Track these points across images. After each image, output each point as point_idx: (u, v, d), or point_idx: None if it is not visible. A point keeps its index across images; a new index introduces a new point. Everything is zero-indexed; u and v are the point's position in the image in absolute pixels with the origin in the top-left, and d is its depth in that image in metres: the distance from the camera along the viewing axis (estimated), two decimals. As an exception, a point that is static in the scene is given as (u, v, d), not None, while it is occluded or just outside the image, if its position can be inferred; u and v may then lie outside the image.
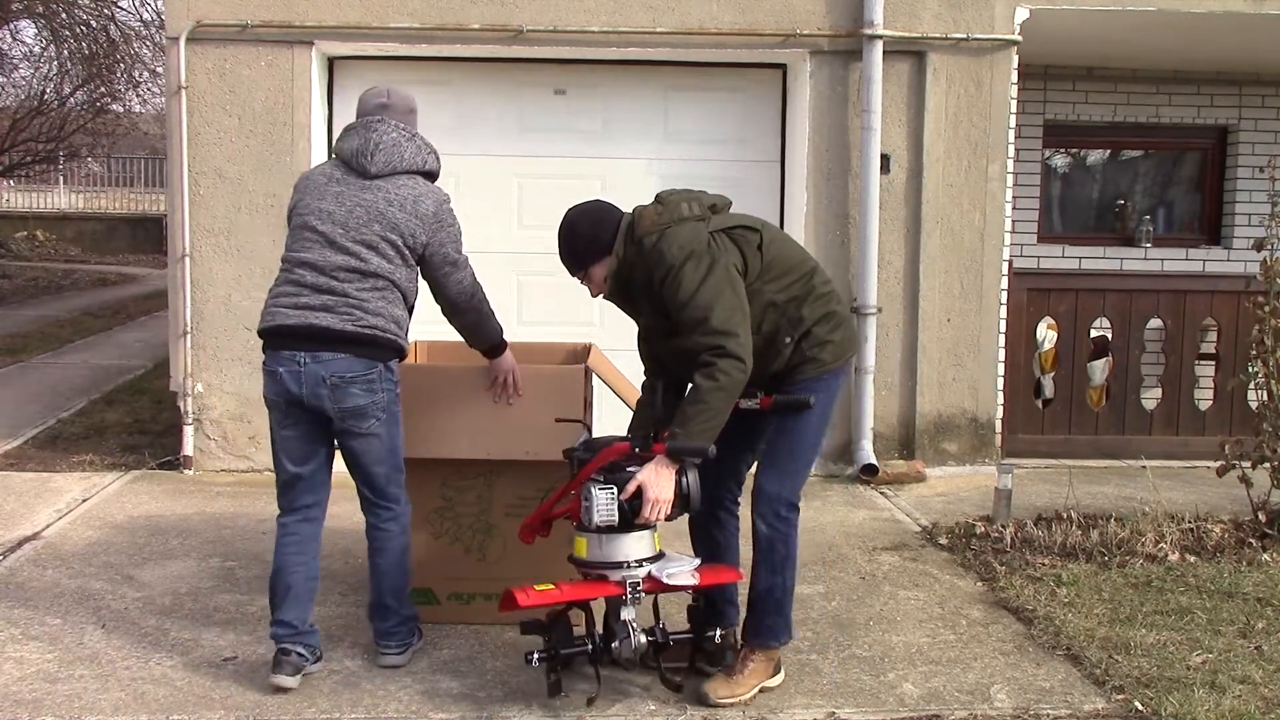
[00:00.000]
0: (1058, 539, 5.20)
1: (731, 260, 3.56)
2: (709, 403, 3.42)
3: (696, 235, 3.55)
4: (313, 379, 3.65)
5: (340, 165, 3.82)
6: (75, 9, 17.49)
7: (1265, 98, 8.39)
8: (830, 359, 3.68)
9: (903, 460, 6.73)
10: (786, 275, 3.66)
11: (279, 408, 3.73)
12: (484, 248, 6.98)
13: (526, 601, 3.43)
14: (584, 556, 3.54)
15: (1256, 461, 5.39)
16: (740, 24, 6.55)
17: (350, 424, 3.73)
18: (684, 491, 3.49)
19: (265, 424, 6.52)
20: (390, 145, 3.78)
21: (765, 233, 3.70)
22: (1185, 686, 3.72)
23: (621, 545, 3.49)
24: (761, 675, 3.70)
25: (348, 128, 3.86)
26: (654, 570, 3.51)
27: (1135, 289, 7.26)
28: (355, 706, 3.59)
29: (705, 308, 3.45)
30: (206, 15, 6.37)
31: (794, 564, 3.72)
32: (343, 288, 3.67)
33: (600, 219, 3.69)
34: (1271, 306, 5.42)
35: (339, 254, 3.69)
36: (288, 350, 3.67)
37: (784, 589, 3.70)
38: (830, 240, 6.70)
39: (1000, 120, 6.70)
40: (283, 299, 3.72)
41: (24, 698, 3.59)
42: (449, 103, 7.00)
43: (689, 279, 3.48)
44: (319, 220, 3.72)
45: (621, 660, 3.55)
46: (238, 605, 4.44)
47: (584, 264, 3.71)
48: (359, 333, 3.67)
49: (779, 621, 3.72)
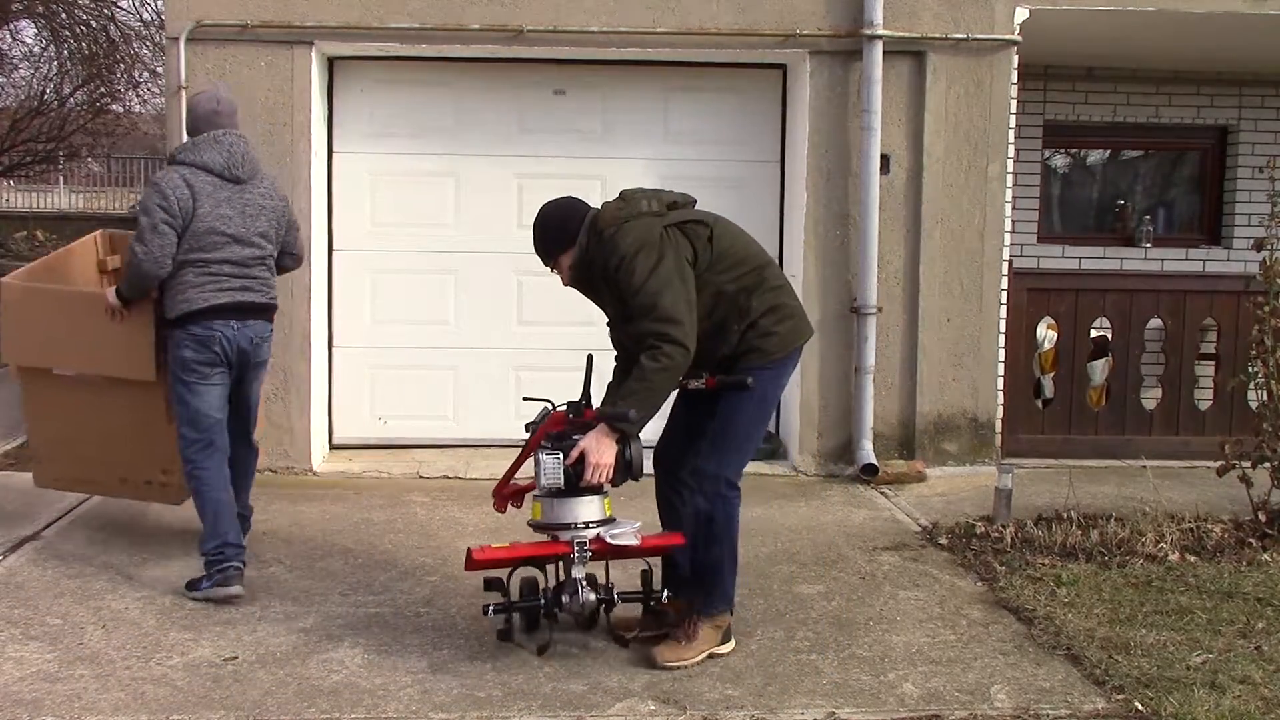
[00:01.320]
0: (1058, 539, 5.21)
1: (682, 253, 3.86)
2: (650, 381, 3.73)
3: (650, 229, 3.85)
4: (244, 340, 4.66)
5: (211, 176, 4.61)
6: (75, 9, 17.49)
7: (1265, 98, 8.39)
8: (774, 349, 3.94)
9: (903, 460, 6.73)
10: (737, 267, 3.93)
11: (205, 368, 4.60)
12: (484, 248, 7.02)
13: (482, 557, 3.85)
14: (538, 519, 3.94)
15: (1256, 461, 5.39)
16: (740, 24, 6.55)
17: (257, 372, 4.86)
18: (627, 459, 3.81)
19: (265, 424, 6.52)
20: (245, 154, 4.71)
21: (716, 227, 3.97)
22: (1185, 686, 3.72)
23: (571, 508, 3.84)
24: (709, 642, 3.94)
25: (198, 141, 4.66)
26: (602, 532, 3.83)
27: (1135, 289, 7.26)
28: (355, 707, 3.59)
29: (653, 295, 3.75)
30: (206, 15, 6.36)
31: (733, 537, 3.98)
32: (253, 272, 4.70)
33: (567, 214, 3.99)
34: (1271, 306, 5.42)
35: (246, 248, 4.66)
36: (221, 320, 4.58)
37: (722, 560, 3.96)
38: (830, 240, 6.70)
39: (1000, 120, 6.70)
40: (208, 288, 4.58)
41: (24, 698, 3.60)
42: (449, 103, 7.01)
43: (640, 269, 3.77)
44: (225, 225, 4.61)
45: (571, 613, 3.91)
46: (238, 605, 4.44)
47: (553, 254, 4.02)
48: (268, 303, 4.80)
49: (718, 591, 3.97)
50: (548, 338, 6.94)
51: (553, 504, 3.87)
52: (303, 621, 4.28)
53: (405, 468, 6.68)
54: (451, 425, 7.11)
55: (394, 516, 5.72)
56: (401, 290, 7.03)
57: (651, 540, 3.95)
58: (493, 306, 7.08)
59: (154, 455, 5.01)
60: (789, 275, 6.97)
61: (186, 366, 4.58)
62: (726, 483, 3.92)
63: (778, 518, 5.81)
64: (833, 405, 6.75)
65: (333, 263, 6.98)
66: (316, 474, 6.59)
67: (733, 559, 4.01)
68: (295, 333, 6.51)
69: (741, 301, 3.90)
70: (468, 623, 4.28)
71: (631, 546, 3.85)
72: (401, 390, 7.08)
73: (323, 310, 6.84)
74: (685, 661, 3.87)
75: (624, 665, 3.91)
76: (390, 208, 7.01)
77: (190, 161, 4.60)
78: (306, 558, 5.03)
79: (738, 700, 3.67)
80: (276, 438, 6.53)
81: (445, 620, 4.31)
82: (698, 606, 3.96)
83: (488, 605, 3.95)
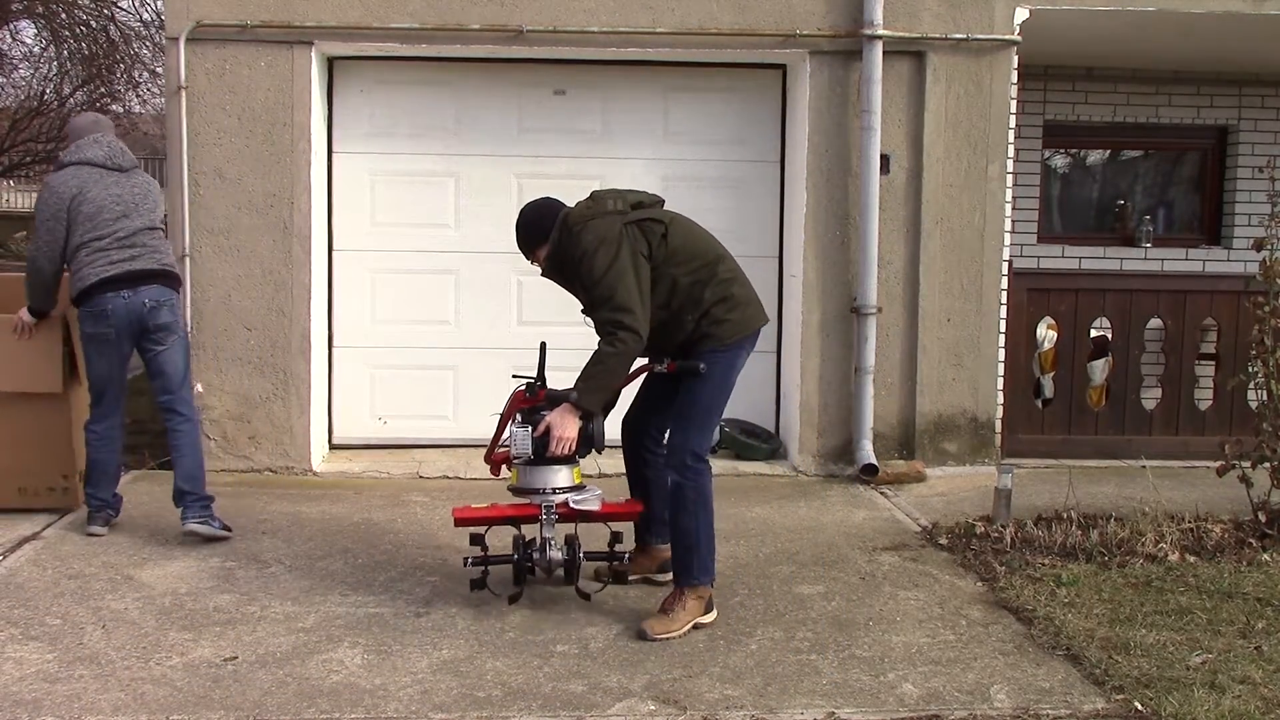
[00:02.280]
0: (1058, 539, 5.20)
1: (638, 248, 4.20)
2: (606, 364, 4.13)
3: (611, 226, 4.21)
4: (136, 305, 5.07)
5: (95, 168, 5.15)
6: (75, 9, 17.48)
7: (1265, 98, 8.39)
8: (727, 335, 4.28)
9: (903, 460, 6.73)
10: (690, 261, 4.28)
11: (107, 338, 5.07)
12: (484, 248, 7.02)
13: (462, 515, 4.45)
14: (514, 484, 4.42)
15: (1256, 461, 5.39)
16: (740, 24, 6.55)
17: (164, 338, 5.18)
18: (589, 434, 4.24)
19: (265, 424, 6.56)
20: (122, 149, 5.30)
21: (671, 225, 4.32)
22: (1185, 686, 3.72)
23: (541, 475, 4.32)
24: (694, 613, 4.23)
25: (80, 144, 5.21)
26: (569, 498, 4.31)
27: (1135, 289, 7.25)
28: (355, 706, 3.59)
29: (610, 288, 4.11)
30: (206, 15, 6.37)
31: (707, 508, 4.25)
32: (140, 240, 5.14)
33: (543, 212, 4.39)
34: (1271, 306, 5.42)
35: (134, 220, 5.14)
36: (111, 291, 5.02)
37: (695, 531, 4.23)
38: (830, 240, 6.70)
39: (1000, 120, 6.70)
40: (99, 263, 5.04)
41: (24, 698, 3.59)
42: (449, 103, 7.01)
43: (600, 263, 4.13)
44: (115, 203, 5.13)
45: (540, 568, 4.39)
46: (237, 605, 4.44)
47: (530, 247, 4.43)
48: (161, 269, 5.19)
49: (696, 561, 4.24)
50: (547, 338, 6.90)
51: (527, 471, 4.35)
52: (303, 621, 4.28)
53: (405, 468, 6.68)
54: (451, 425, 7.11)
55: (394, 516, 5.72)
56: (401, 290, 7.03)
57: (611, 507, 4.46)
58: (493, 306, 7.08)
59: (56, 461, 5.53)
60: (789, 275, 7.02)
61: (87, 338, 5.16)
62: (692, 454, 4.22)
63: (778, 518, 5.81)
64: (833, 405, 6.75)
65: (333, 263, 6.98)
66: (316, 474, 6.59)
67: (708, 533, 4.26)
68: (295, 332, 6.51)
69: (695, 293, 4.24)
70: (468, 623, 4.29)
71: (593, 512, 4.35)
72: (401, 390, 7.08)
73: (323, 310, 6.84)
74: (673, 633, 4.14)
75: (624, 665, 3.92)
76: (390, 208, 7.01)
77: (75, 160, 5.18)
78: (306, 558, 5.03)
79: (738, 700, 3.67)
80: (276, 438, 6.54)
81: (445, 620, 4.31)
82: (680, 577, 4.26)
83: (467, 558, 4.44)
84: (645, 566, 4.72)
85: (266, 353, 6.51)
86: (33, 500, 5.53)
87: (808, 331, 6.69)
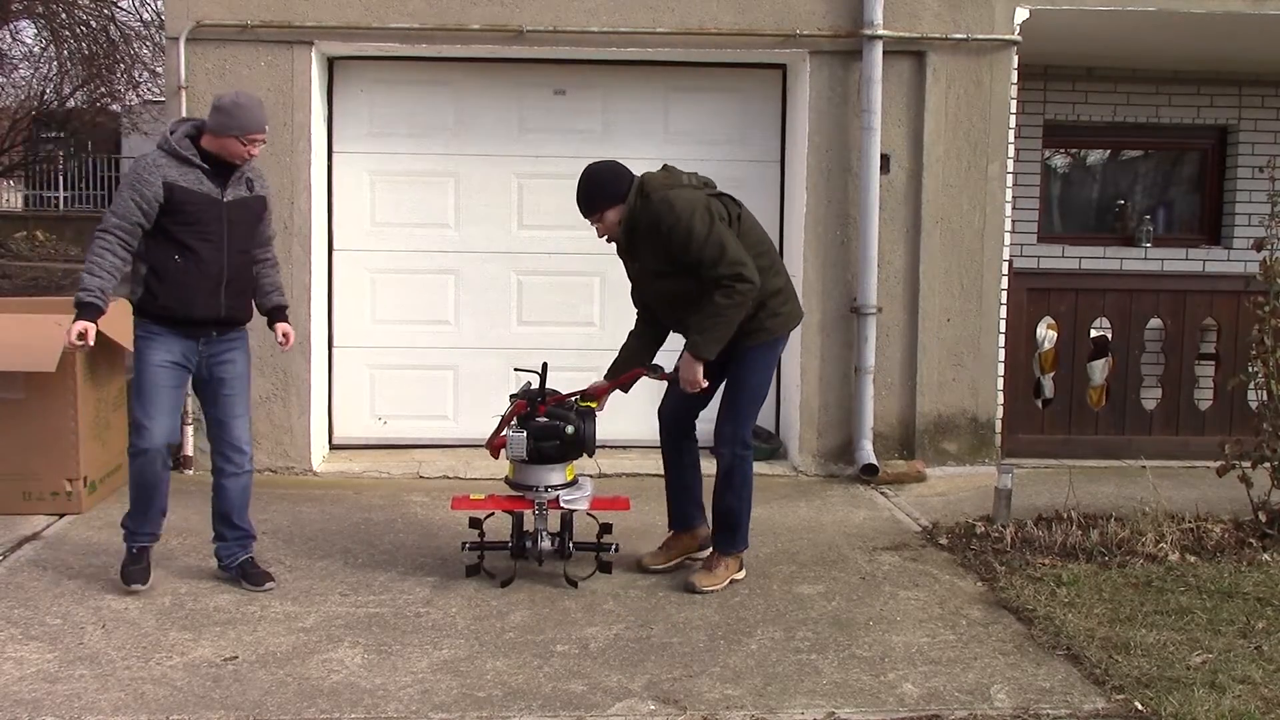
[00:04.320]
0: (1058, 539, 5.20)
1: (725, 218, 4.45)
2: (725, 315, 4.36)
3: (696, 196, 4.44)
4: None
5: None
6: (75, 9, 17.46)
7: (1265, 98, 8.39)
8: (777, 329, 4.61)
9: (903, 460, 6.73)
10: (755, 247, 4.50)
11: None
12: (484, 247, 7.02)
13: (462, 504, 4.74)
14: (511, 478, 4.70)
15: (1256, 461, 5.39)
16: (740, 24, 6.55)
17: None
18: (580, 437, 4.52)
19: (265, 424, 6.56)
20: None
21: (743, 210, 4.59)
22: (1185, 686, 3.72)
23: (535, 473, 4.61)
24: (732, 569, 4.72)
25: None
26: (560, 495, 4.61)
27: (1135, 289, 7.25)
28: (355, 706, 3.59)
29: (719, 246, 4.33)
30: (206, 15, 6.36)
31: (749, 489, 4.68)
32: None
33: (618, 172, 4.55)
34: (1271, 306, 5.42)
35: None
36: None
37: (739, 508, 4.66)
38: (830, 240, 6.70)
39: (1000, 120, 6.70)
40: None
41: (24, 698, 3.60)
42: (449, 103, 7.01)
43: (699, 228, 4.33)
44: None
45: (530, 556, 4.67)
46: (237, 605, 4.44)
47: (598, 207, 4.50)
48: None
49: (739, 533, 4.71)
50: (548, 338, 6.93)
51: (522, 468, 4.62)
52: (303, 621, 4.28)
53: (405, 468, 6.68)
54: (451, 425, 7.11)
55: (394, 516, 5.72)
56: (401, 290, 7.03)
57: (599, 503, 4.74)
58: (493, 306, 7.08)
59: (61, 466, 5.51)
60: (789, 275, 7.01)
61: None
62: (741, 442, 4.60)
63: (778, 518, 5.81)
64: (833, 405, 6.75)
65: (333, 263, 6.97)
66: (316, 474, 6.59)
67: (749, 508, 4.70)
68: (295, 332, 6.49)
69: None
70: (468, 623, 4.29)
71: (580, 508, 4.66)
72: (401, 390, 7.08)
73: (323, 310, 6.84)
74: (716, 586, 4.62)
75: (624, 665, 3.92)
76: (390, 208, 7.01)
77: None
78: (306, 558, 5.03)
79: (738, 700, 3.67)
80: (276, 438, 6.53)
81: (445, 620, 4.31)
82: (722, 546, 4.71)
83: (465, 542, 4.73)
84: (689, 546, 4.91)
85: (266, 353, 6.49)
86: (37, 505, 5.51)
87: (808, 331, 6.68)
